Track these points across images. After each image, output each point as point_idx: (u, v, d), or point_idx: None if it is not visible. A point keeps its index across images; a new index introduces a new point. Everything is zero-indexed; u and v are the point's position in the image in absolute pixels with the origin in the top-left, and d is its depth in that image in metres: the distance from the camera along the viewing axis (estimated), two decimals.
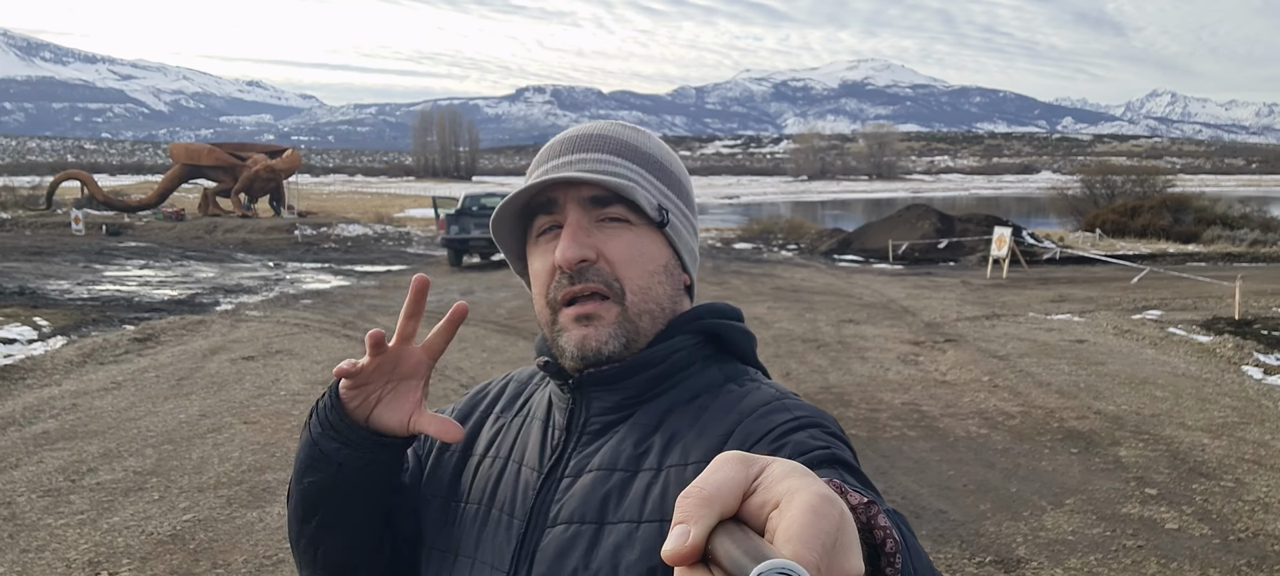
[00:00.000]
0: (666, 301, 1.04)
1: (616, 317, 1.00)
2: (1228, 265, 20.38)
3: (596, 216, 1.01)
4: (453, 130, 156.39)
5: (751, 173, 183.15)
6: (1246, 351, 10.00)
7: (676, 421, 0.98)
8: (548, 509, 1.00)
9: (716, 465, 0.48)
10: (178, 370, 9.10)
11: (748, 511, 0.46)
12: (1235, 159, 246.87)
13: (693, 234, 1.11)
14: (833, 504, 0.44)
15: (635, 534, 0.92)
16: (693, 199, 1.13)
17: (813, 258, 23.76)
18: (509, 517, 1.03)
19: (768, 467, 0.47)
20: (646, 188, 1.03)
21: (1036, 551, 4.82)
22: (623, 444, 0.99)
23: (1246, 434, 6.97)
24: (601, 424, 1.02)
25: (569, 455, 1.03)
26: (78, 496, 5.55)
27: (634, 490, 0.95)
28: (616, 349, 1.00)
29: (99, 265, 19.49)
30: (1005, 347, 10.50)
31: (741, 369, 1.06)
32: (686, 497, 0.46)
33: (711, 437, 0.94)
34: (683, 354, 1.03)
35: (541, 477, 1.03)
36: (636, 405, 1.02)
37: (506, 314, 12.94)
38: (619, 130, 1.08)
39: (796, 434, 0.90)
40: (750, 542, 0.44)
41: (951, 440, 6.86)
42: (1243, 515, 5.30)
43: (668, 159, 1.09)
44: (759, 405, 0.96)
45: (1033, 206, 55.10)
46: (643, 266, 1.01)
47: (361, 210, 40.82)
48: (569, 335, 1.01)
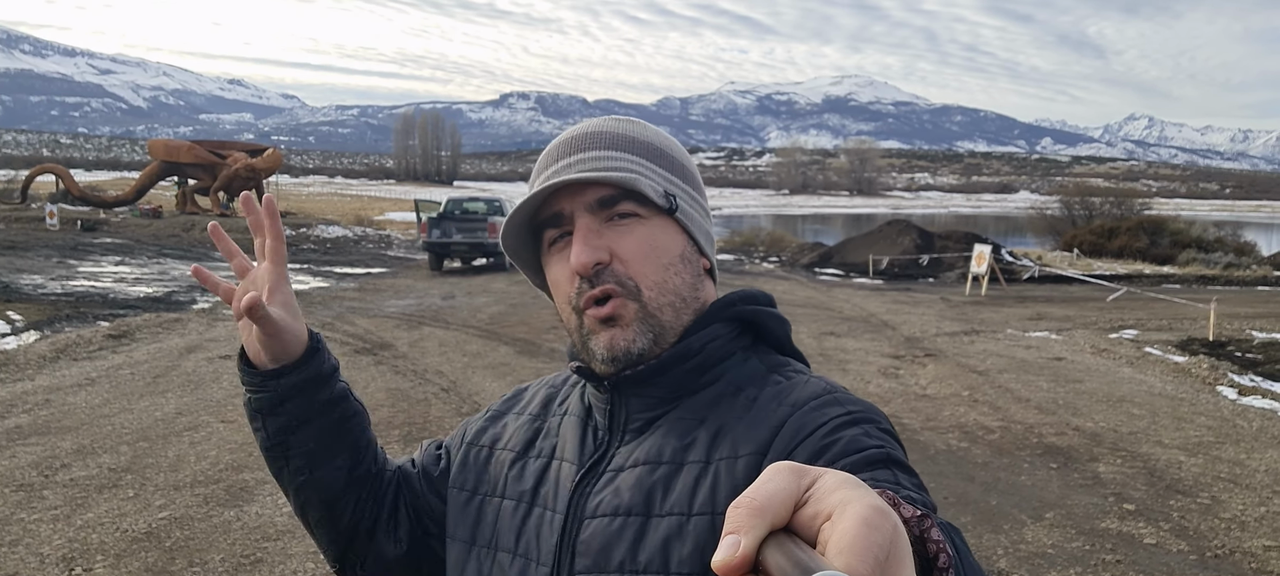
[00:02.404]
0: (686, 290, 1.02)
1: (636, 314, 0.98)
2: (1202, 287, 20.62)
3: (605, 216, 0.99)
4: (435, 134, 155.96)
5: (734, 185, 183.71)
6: (1221, 372, 10.12)
7: (723, 414, 0.97)
8: (587, 502, 0.99)
9: (768, 475, 0.47)
10: (153, 367, 9.00)
11: (799, 522, 0.45)
12: (1210, 183, 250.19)
13: (705, 215, 1.09)
14: (886, 516, 0.44)
15: (686, 527, 0.90)
16: (699, 181, 1.11)
17: (794, 271, 23.85)
18: (552, 513, 1.03)
19: (820, 478, 0.47)
20: (650, 176, 1.01)
21: (1017, 564, 4.84)
22: (667, 437, 0.98)
23: (1222, 453, 7.04)
24: (643, 421, 1.01)
25: (612, 453, 1.02)
26: (51, 492, 5.47)
27: (681, 483, 0.93)
28: (645, 346, 0.99)
29: (74, 261, 19.27)
30: (984, 363, 10.56)
31: (782, 360, 1.05)
32: (737, 507, 0.45)
33: (762, 430, 0.93)
34: (719, 344, 1.02)
35: (582, 471, 1.02)
36: (678, 399, 1.00)
37: (488, 319, 12.90)
38: (615, 124, 1.06)
39: (850, 429, 0.88)
40: (802, 554, 0.43)
41: (932, 453, 6.88)
42: (1218, 532, 5.35)
43: (668, 145, 1.08)
44: (810, 398, 0.94)
45: (1011, 226, 55.53)
46: (656, 260, 1.00)
47: (341, 212, 40.61)
48: (597, 339, 0.99)
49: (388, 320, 12.55)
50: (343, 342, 10.57)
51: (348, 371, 8.89)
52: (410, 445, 6.62)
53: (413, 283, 18.01)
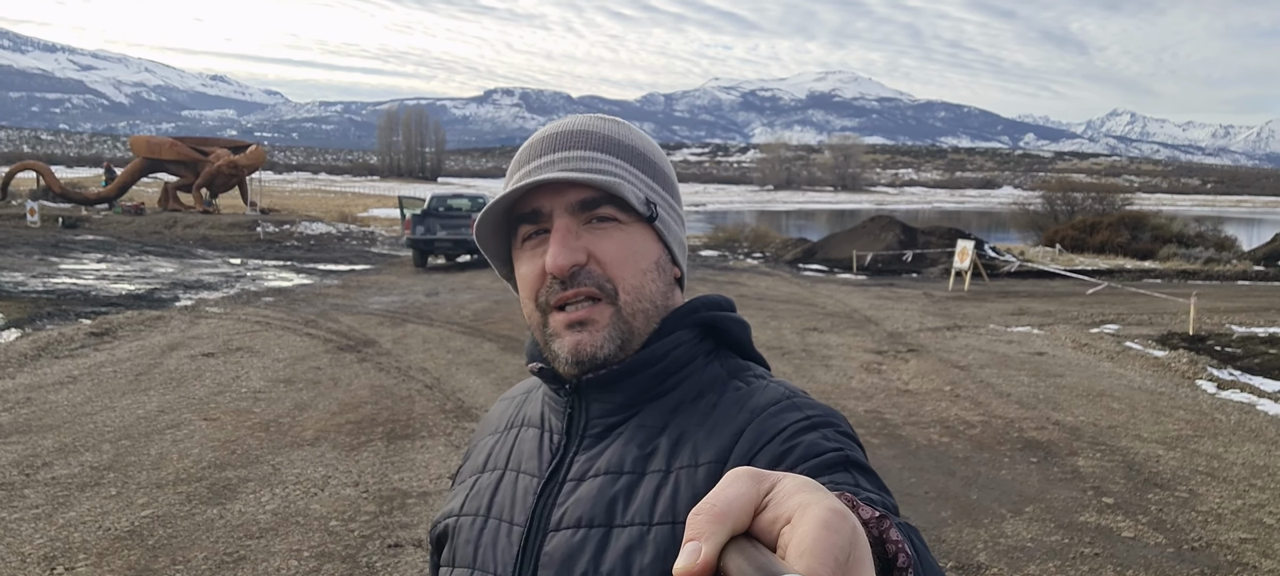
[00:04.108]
0: (659, 298, 1.02)
1: (611, 319, 0.98)
2: (1182, 282, 20.79)
3: (584, 218, 0.98)
4: (419, 130, 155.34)
5: (718, 181, 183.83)
6: (1200, 366, 10.21)
7: (684, 421, 0.97)
8: (550, 513, 0.98)
9: (727, 481, 0.47)
10: (136, 365, 8.96)
11: (759, 527, 0.46)
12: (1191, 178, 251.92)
13: (680, 224, 1.09)
14: (845, 518, 0.44)
15: (648, 537, 0.90)
16: (677, 189, 1.10)
17: (777, 266, 23.90)
18: (509, 525, 1.02)
19: (779, 483, 0.47)
20: (633, 182, 1.01)
21: (997, 558, 4.89)
22: (628, 446, 0.97)
23: (1200, 446, 7.11)
24: (603, 426, 1.01)
25: (571, 459, 1.01)
26: (32, 491, 5.44)
27: (643, 492, 0.93)
28: (612, 351, 0.98)
29: (55, 258, 19.13)
30: (966, 358, 10.63)
31: (743, 364, 1.05)
32: (697, 514, 0.46)
33: (721, 437, 0.93)
34: (683, 350, 1.01)
35: (542, 482, 1.01)
36: (639, 405, 1.00)
37: (472, 315, 12.89)
38: (600, 124, 1.05)
39: (809, 434, 0.88)
40: (762, 558, 0.44)
41: (913, 448, 6.93)
42: (1196, 525, 5.41)
43: (651, 151, 1.07)
44: (769, 404, 0.94)
45: (994, 221, 55.81)
46: (634, 265, 0.99)
47: (325, 209, 40.43)
48: (562, 341, 0.99)
49: (371, 317, 12.52)
50: (326, 339, 10.55)
51: (331, 369, 8.88)
52: (393, 443, 6.62)
53: (396, 279, 17.96)
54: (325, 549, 4.76)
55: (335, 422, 7.14)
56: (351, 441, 6.65)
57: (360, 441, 6.65)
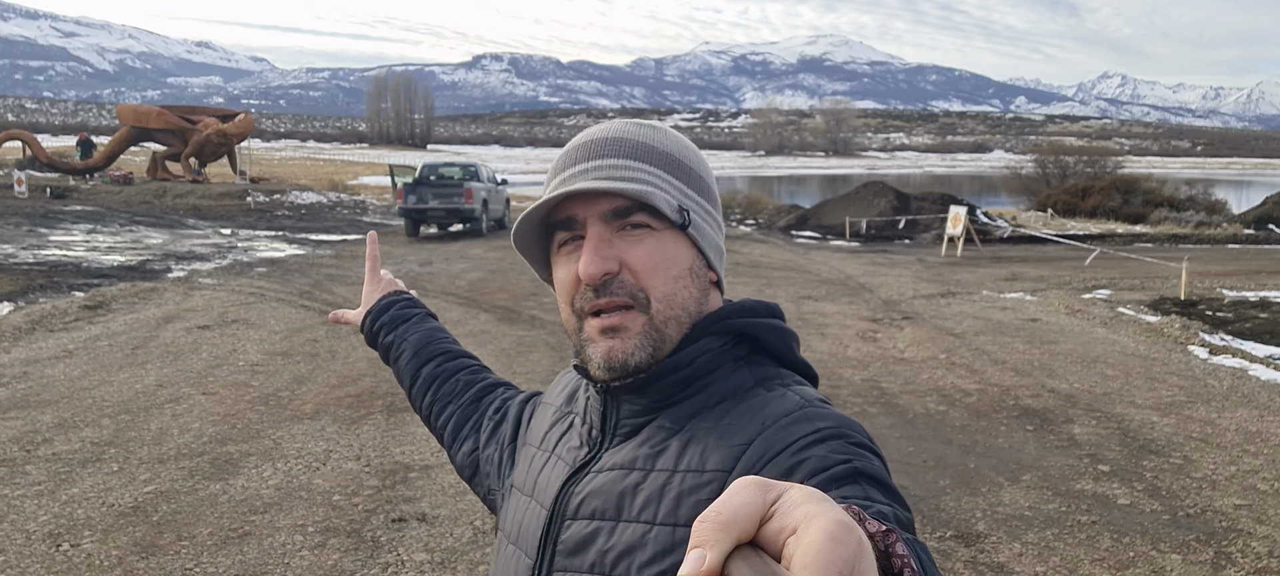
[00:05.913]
0: (692, 304, 1.03)
1: (643, 327, 1.00)
2: (1173, 246, 20.89)
3: (617, 226, 1.00)
4: (408, 97, 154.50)
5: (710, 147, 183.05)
6: (1192, 331, 10.29)
7: (699, 425, 0.98)
8: (569, 502, 1.03)
9: (734, 489, 0.48)
10: (131, 339, 8.94)
11: (765, 537, 0.46)
12: (1182, 141, 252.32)
13: (717, 229, 1.09)
14: (850, 531, 0.45)
15: (648, 535, 0.93)
16: (714, 192, 1.11)
17: (770, 233, 23.91)
18: (541, 508, 1.07)
19: (785, 493, 0.48)
20: (666, 189, 1.01)
21: (995, 526, 4.94)
22: (643, 445, 1.00)
23: (1193, 412, 7.18)
24: (632, 425, 1.04)
25: (601, 454, 1.05)
26: (34, 467, 5.45)
27: (647, 490, 0.96)
28: (643, 359, 1.00)
29: (44, 229, 19.01)
30: (961, 325, 10.68)
31: (775, 372, 1.05)
32: (703, 521, 0.46)
33: (730, 445, 0.94)
34: (708, 357, 1.02)
35: (570, 470, 1.06)
36: (662, 408, 1.02)
37: (467, 286, 12.88)
38: (634, 131, 1.06)
39: (818, 448, 0.88)
40: (767, 568, 0.44)
41: (910, 416, 6.98)
42: (1191, 491, 5.48)
43: (686, 154, 1.07)
44: (781, 415, 0.95)
45: (986, 185, 55.87)
46: (666, 272, 1.00)
47: (315, 177, 40.21)
48: (595, 347, 1.01)
49: None
50: (321, 311, 10.53)
51: (329, 341, 8.87)
52: (393, 415, 6.63)
53: (389, 249, 17.90)
54: (330, 524, 4.78)
55: (335, 396, 7.15)
56: (352, 415, 6.66)
57: (360, 414, 6.67)
